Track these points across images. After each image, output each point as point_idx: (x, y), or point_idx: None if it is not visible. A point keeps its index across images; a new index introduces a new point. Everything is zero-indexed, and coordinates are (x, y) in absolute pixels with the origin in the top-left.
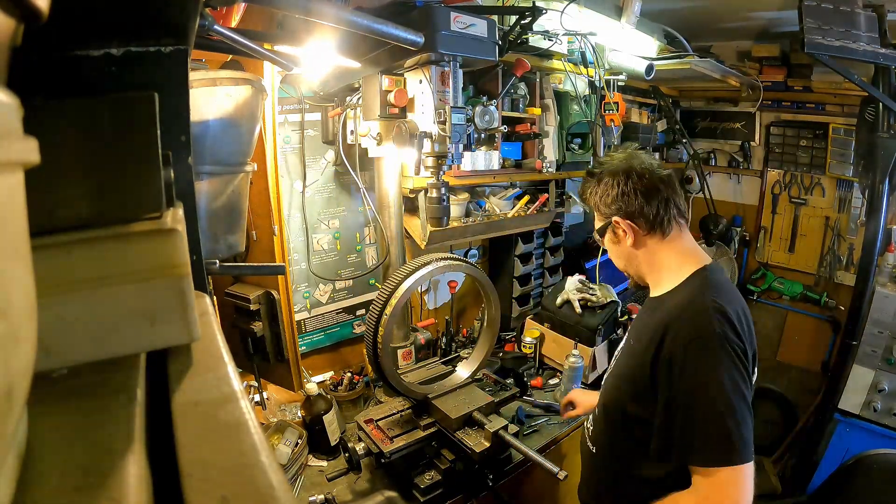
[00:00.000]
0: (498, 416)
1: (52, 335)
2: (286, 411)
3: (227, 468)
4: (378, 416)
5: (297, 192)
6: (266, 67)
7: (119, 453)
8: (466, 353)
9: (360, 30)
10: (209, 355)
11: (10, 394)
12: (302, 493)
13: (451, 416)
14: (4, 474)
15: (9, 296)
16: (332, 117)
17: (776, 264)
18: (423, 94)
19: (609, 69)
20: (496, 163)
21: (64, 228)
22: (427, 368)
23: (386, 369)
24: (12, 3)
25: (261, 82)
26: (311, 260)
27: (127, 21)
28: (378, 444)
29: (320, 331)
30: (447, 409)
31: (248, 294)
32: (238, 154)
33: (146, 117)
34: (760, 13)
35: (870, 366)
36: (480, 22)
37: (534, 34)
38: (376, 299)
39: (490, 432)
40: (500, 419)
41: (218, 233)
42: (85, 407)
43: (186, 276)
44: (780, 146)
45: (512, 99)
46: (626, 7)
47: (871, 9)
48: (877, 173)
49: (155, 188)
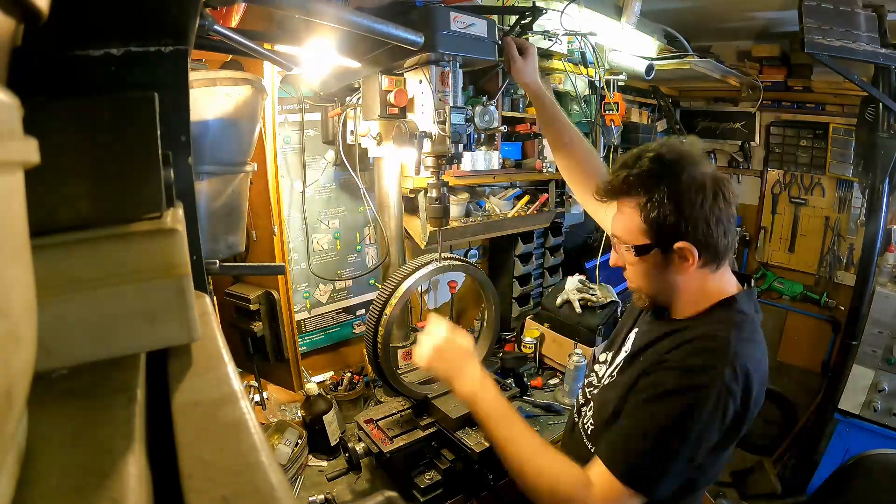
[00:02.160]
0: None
1: (52, 335)
2: (286, 411)
3: (227, 468)
4: (378, 416)
5: (297, 192)
6: (266, 67)
7: (119, 453)
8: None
9: (360, 30)
10: (209, 355)
11: (10, 394)
12: (302, 493)
13: (451, 416)
14: (4, 474)
15: (9, 296)
16: (332, 117)
17: (776, 264)
18: (423, 94)
19: (609, 69)
20: (496, 163)
21: (64, 228)
22: None
23: (386, 370)
24: (12, 3)
25: (261, 82)
26: (311, 260)
27: (127, 21)
28: (378, 444)
29: (320, 331)
30: (447, 409)
31: (248, 294)
32: (238, 154)
33: (146, 117)
34: (760, 13)
35: (870, 366)
36: (480, 22)
37: (534, 34)
38: (376, 300)
39: None
40: None
41: (218, 233)
42: (85, 407)
43: (186, 276)
44: (780, 146)
45: (512, 99)
46: (626, 7)
47: (871, 9)
48: (877, 173)
49: (155, 188)
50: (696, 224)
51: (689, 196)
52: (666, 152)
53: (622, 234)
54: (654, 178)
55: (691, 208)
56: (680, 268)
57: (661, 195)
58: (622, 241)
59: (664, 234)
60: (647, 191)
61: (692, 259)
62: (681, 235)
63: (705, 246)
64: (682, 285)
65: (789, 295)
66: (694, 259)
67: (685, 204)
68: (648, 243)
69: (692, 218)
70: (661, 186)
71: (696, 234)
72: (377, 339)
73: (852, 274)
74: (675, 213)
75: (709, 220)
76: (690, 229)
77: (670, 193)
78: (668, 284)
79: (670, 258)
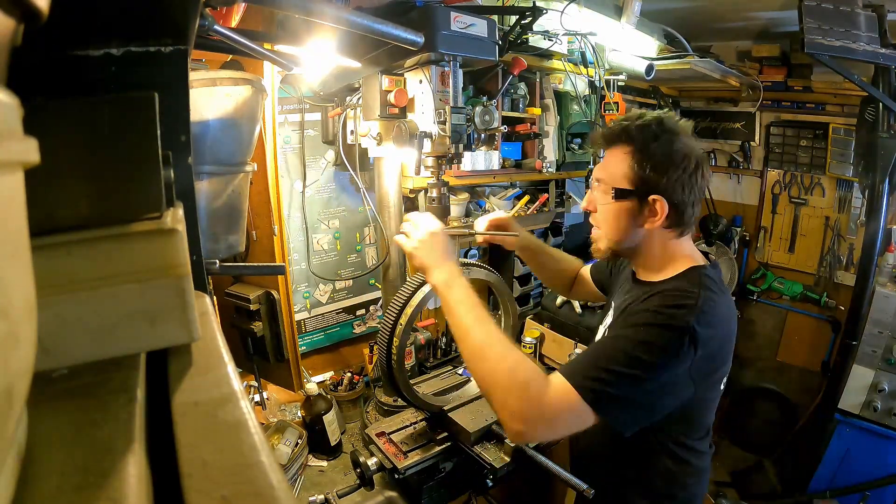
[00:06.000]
0: None
1: (52, 335)
2: (286, 411)
3: (227, 468)
4: (390, 429)
5: (297, 192)
6: (266, 67)
7: (119, 453)
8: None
9: (359, 30)
10: (209, 355)
11: (10, 394)
12: (302, 493)
13: (468, 429)
14: (4, 474)
15: (9, 296)
16: (332, 117)
17: (776, 264)
18: (423, 94)
19: (609, 69)
20: (496, 163)
21: (64, 228)
22: (441, 378)
23: (400, 380)
24: (12, 3)
25: (261, 82)
26: (311, 260)
27: (127, 21)
28: (391, 459)
29: (320, 331)
30: (464, 422)
31: (248, 294)
32: (238, 154)
33: (146, 117)
34: (760, 13)
35: (870, 366)
36: (480, 22)
37: (534, 34)
38: (390, 307)
39: (511, 447)
40: None
41: (218, 233)
42: (85, 407)
43: (186, 276)
44: (780, 146)
45: (512, 99)
46: (626, 7)
47: (871, 9)
48: (877, 173)
49: (155, 188)
50: (675, 186)
51: (676, 159)
52: (667, 119)
53: (604, 177)
54: (652, 135)
55: (675, 170)
56: (647, 220)
57: (653, 150)
58: (604, 183)
59: (645, 184)
60: (642, 143)
61: (661, 214)
62: (658, 190)
63: (675, 206)
64: (644, 239)
65: (789, 295)
66: (662, 215)
67: (672, 165)
68: (628, 189)
69: (673, 179)
70: (657, 143)
71: (672, 194)
72: (391, 350)
73: (852, 274)
74: (660, 169)
75: (685, 186)
76: (669, 188)
77: (662, 152)
78: (631, 233)
79: (643, 208)
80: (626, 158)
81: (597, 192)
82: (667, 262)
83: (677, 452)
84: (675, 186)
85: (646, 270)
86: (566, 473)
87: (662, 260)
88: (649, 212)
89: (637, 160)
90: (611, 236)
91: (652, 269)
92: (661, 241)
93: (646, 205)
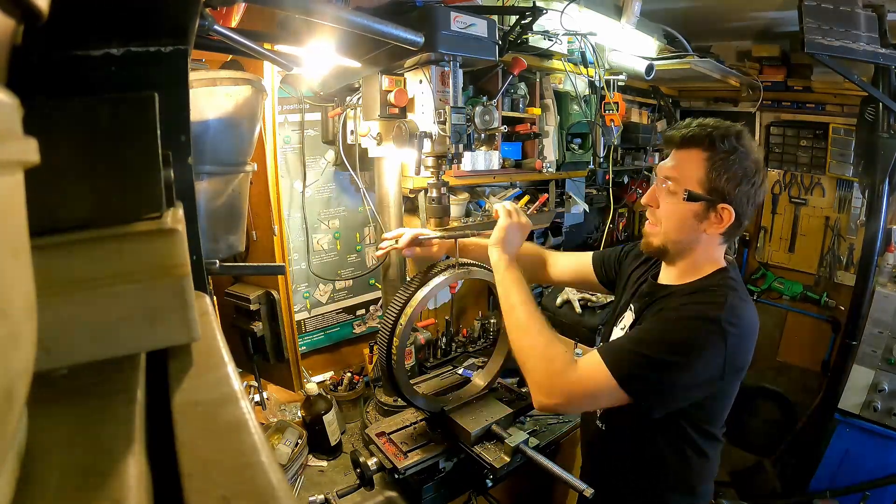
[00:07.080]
0: (517, 429)
1: (52, 335)
2: (286, 411)
3: (227, 468)
4: (390, 428)
5: (297, 192)
6: (266, 67)
7: (119, 453)
8: (481, 361)
9: (360, 30)
10: (209, 355)
11: (10, 394)
12: (302, 493)
13: (468, 429)
14: (4, 474)
15: (9, 296)
16: (332, 117)
17: (776, 264)
18: (423, 94)
19: (609, 69)
20: (496, 163)
21: (64, 228)
22: (441, 378)
23: (400, 380)
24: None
25: (261, 82)
26: (311, 260)
27: (127, 21)
28: (391, 459)
29: (320, 331)
30: (464, 422)
31: (248, 294)
32: (238, 154)
33: (146, 117)
34: (760, 13)
35: (870, 366)
36: (480, 22)
37: (534, 34)
38: (391, 307)
39: (511, 447)
40: (521, 432)
41: (218, 233)
42: (85, 407)
43: (186, 276)
44: (780, 146)
45: (512, 99)
46: (626, 7)
47: (871, 9)
48: (877, 173)
49: (155, 188)
50: (742, 198)
51: (749, 174)
52: (745, 133)
53: (677, 176)
54: (732, 147)
55: (747, 184)
56: (710, 226)
57: (731, 161)
58: (675, 182)
59: (717, 192)
60: (722, 151)
61: (725, 222)
62: (728, 199)
63: (737, 217)
64: (700, 242)
65: (789, 295)
66: (727, 224)
67: (745, 178)
68: (701, 193)
69: (743, 191)
70: (735, 155)
71: (739, 206)
72: (391, 350)
73: (852, 274)
74: (734, 181)
75: (750, 200)
76: (737, 199)
77: (740, 165)
78: (690, 235)
79: (709, 214)
80: (702, 164)
81: (664, 190)
82: (703, 264)
83: (696, 440)
84: (743, 199)
85: (680, 272)
86: (566, 474)
87: (701, 262)
88: (715, 218)
89: (714, 167)
90: (670, 234)
91: (687, 270)
92: (710, 245)
93: (713, 211)
